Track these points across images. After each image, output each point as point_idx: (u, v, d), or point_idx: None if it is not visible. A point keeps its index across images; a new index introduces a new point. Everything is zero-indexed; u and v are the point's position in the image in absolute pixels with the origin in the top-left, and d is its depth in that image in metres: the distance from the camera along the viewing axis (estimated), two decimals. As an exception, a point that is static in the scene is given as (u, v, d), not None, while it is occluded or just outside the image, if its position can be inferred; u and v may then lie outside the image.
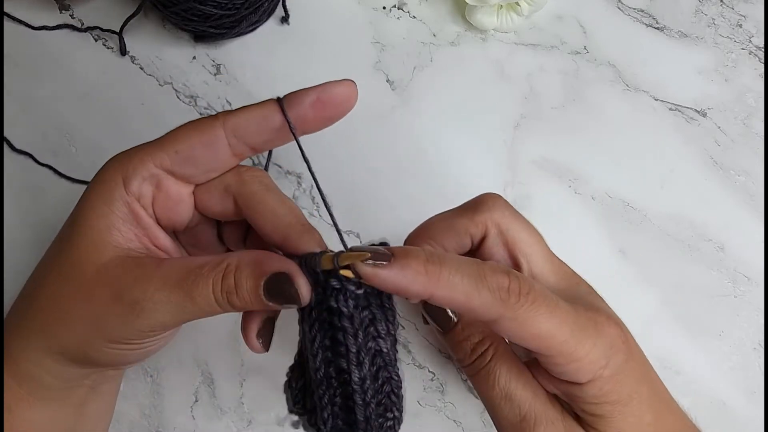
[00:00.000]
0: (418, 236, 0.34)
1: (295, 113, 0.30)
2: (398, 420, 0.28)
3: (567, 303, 0.29)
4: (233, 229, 0.34)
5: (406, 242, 0.35)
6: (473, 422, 0.44)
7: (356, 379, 0.27)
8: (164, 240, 0.32)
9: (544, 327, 0.28)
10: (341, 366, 0.27)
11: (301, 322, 0.29)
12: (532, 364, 0.32)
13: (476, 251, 0.33)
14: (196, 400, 0.43)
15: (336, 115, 0.30)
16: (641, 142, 0.48)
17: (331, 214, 0.29)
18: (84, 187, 0.45)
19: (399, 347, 0.44)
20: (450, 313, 0.32)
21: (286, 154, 0.39)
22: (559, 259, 0.34)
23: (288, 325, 0.45)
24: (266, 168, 0.46)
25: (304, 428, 0.29)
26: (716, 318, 0.45)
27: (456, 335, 0.32)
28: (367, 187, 0.46)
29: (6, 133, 0.47)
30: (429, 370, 0.44)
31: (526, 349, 0.30)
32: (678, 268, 0.46)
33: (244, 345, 0.45)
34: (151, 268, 0.29)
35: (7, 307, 0.43)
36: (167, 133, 0.31)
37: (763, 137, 0.48)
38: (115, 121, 0.47)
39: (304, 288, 0.27)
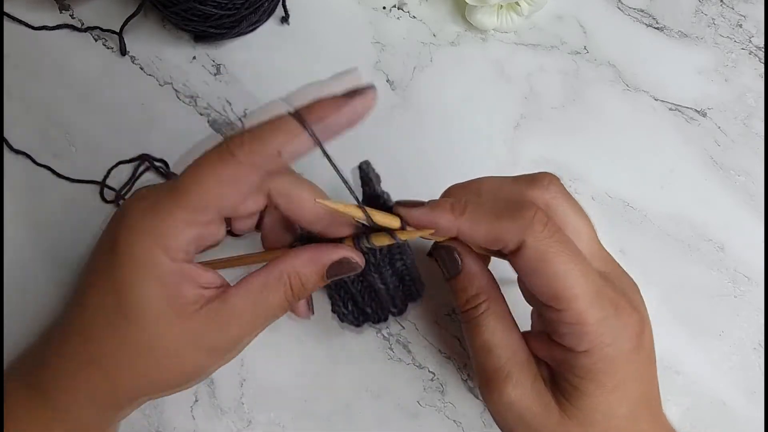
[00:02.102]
0: (462, 190, 0.34)
1: (326, 137, 0.29)
2: (420, 291, 0.40)
3: (596, 271, 0.30)
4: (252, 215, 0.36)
5: (445, 192, 0.35)
6: (473, 422, 0.44)
7: (411, 266, 0.39)
8: (210, 279, 0.32)
9: (563, 268, 0.29)
10: (400, 269, 0.39)
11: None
12: (532, 332, 0.34)
13: None
14: (196, 400, 0.43)
15: (358, 124, 0.30)
16: (641, 142, 0.48)
17: (351, 191, 0.32)
18: (83, 186, 0.46)
19: (399, 347, 0.44)
20: (457, 260, 0.34)
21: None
22: (607, 252, 0.34)
23: (280, 324, 0.45)
24: None
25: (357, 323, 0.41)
26: (716, 318, 0.45)
27: (458, 282, 0.34)
28: (367, 187, 0.46)
29: (6, 133, 0.47)
30: (429, 370, 0.44)
31: (538, 315, 0.32)
32: (678, 268, 0.46)
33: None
34: (223, 313, 0.31)
35: (7, 307, 0.43)
36: (193, 187, 0.29)
37: (763, 137, 0.48)
38: (115, 121, 0.47)
39: (359, 259, 0.33)
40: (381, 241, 0.33)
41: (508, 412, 0.32)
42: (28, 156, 0.46)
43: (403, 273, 0.38)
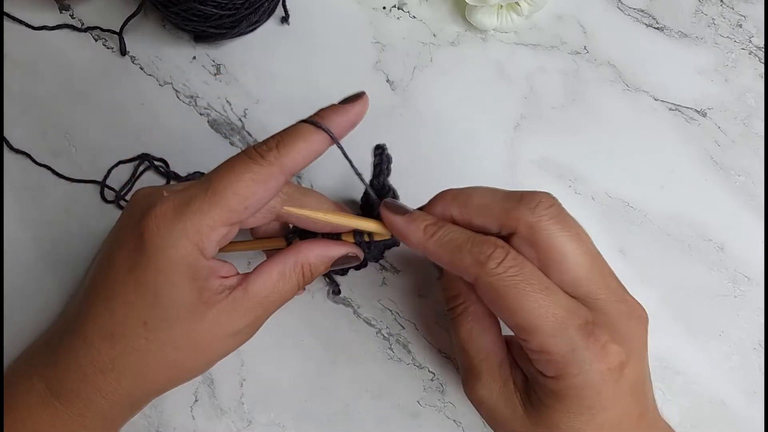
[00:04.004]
0: (454, 198, 0.35)
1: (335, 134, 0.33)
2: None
3: (566, 301, 0.30)
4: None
5: (437, 195, 0.36)
6: (473, 422, 0.44)
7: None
8: (228, 269, 0.33)
9: (519, 303, 0.30)
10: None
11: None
12: (515, 338, 0.34)
13: (507, 239, 0.33)
14: (196, 400, 0.43)
15: (357, 124, 0.34)
16: (641, 142, 0.48)
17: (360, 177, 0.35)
18: (83, 186, 0.46)
19: (399, 347, 0.44)
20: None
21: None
22: (606, 272, 0.33)
23: (281, 324, 0.45)
24: None
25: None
26: (716, 318, 0.45)
27: (441, 283, 0.37)
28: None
29: (6, 133, 0.47)
30: (429, 370, 0.44)
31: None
32: (678, 268, 0.46)
33: (245, 345, 0.45)
34: (246, 299, 0.32)
35: (7, 307, 0.43)
36: (224, 185, 0.30)
37: (763, 137, 0.48)
38: (115, 121, 0.47)
39: (360, 254, 0.37)
40: (381, 237, 0.36)
41: (480, 407, 0.34)
42: (28, 155, 0.46)
43: (390, 245, 0.39)
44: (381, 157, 0.37)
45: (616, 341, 0.30)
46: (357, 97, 0.33)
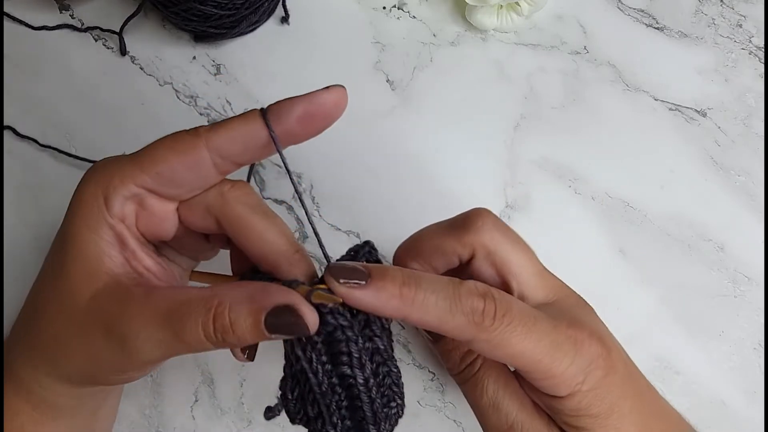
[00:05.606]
0: (408, 254, 0.33)
1: (281, 128, 0.28)
2: (401, 407, 0.29)
3: (548, 320, 0.30)
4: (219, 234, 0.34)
5: (394, 258, 0.34)
6: (473, 422, 0.43)
7: (361, 381, 0.27)
8: (149, 263, 0.30)
9: (519, 347, 0.28)
10: (344, 372, 0.27)
11: (292, 344, 0.28)
12: (520, 375, 0.33)
13: (466, 267, 0.33)
14: (196, 400, 0.43)
15: (324, 126, 0.29)
16: (641, 142, 0.48)
17: (315, 232, 0.29)
18: (85, 169, 0.46)
19: (399, 347, 0.44)
20: None
21: (286, 152, 0.39)
22: (549, 273, 0.33)
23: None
24: (248, 179, 0.46)
25: None
26: (716, 318, 0.45)
27: (446, 344, 0.33)
28: (366, 188, 0.46)
29: (6, 133, 0.47)
30: (429, 370, 0.44)
31: None
32: (678, 268, 0.46)
33: (244, 345, 0.45)
34: (140, 300, 0.27)
35: (7, 305, 0.43)
36: (146, 150, 0.29)
37: (763, 137, 0.48)
38: (115, 121, 0.47)
39: (311, 317, 0.26)
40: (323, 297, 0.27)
41: None
42: (35, 141, 0.46)
43: (389, 384, 0.29)
44: (355, 255, 0.30)
45: (590, 335, 0.30)
46: (327, 88, 0.29)
